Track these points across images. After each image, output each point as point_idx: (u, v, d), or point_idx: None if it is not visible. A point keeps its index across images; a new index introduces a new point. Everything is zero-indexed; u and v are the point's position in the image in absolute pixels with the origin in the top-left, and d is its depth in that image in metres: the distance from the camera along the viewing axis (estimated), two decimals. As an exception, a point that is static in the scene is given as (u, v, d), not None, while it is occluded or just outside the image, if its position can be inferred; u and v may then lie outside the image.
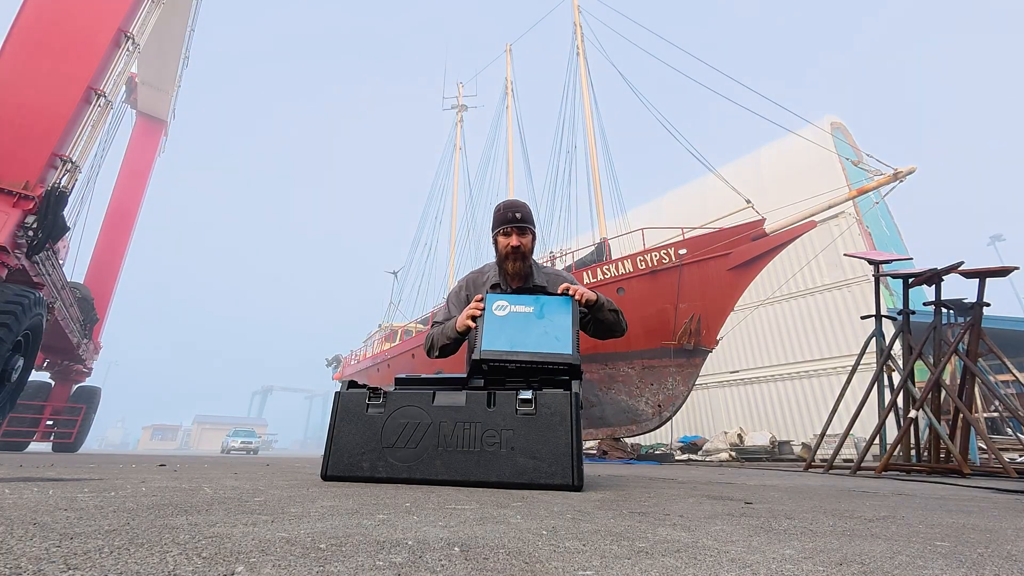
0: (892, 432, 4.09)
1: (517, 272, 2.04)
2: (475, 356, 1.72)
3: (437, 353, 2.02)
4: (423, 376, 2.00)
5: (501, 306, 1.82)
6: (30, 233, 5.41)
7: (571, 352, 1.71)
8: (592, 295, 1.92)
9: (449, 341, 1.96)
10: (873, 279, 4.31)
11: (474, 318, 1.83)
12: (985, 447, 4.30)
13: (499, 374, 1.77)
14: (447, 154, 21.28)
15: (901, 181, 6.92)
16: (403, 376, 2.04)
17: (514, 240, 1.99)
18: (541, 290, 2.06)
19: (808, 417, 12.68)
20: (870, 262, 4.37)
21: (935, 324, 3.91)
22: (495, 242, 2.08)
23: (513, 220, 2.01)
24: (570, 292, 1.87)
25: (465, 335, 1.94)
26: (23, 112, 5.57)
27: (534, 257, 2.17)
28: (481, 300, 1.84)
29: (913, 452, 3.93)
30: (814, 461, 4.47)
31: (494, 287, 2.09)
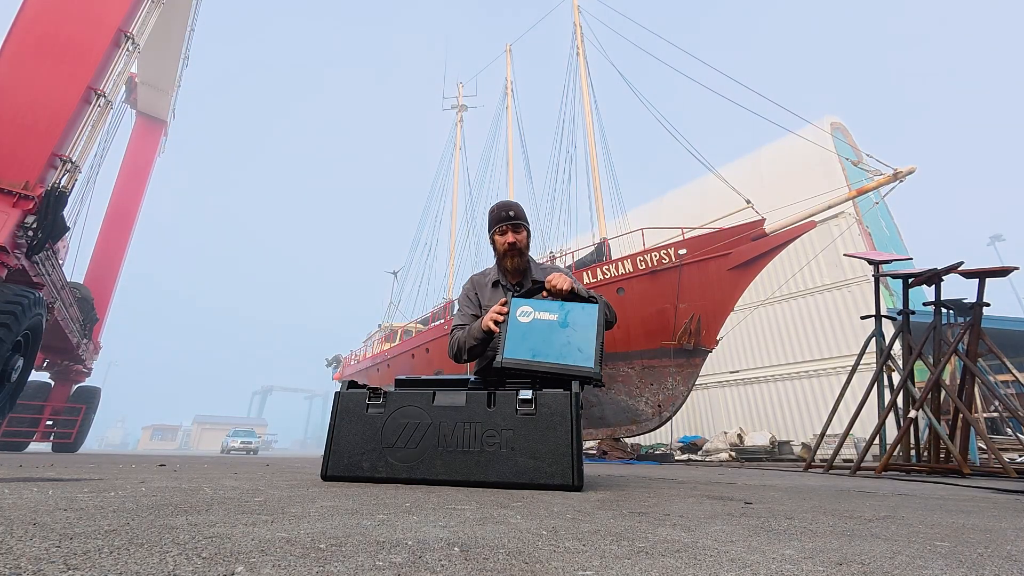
0: (892, 432, 4.09)
1: (516, 268, 2.10)
2: (496, 363, 1.71)
3: (466, 356, 2.02)
4: (423, 377, 2.00)
5: (525, 312, 1.80)
6: (30, 233, 5.40)
7: (593, 366, 1.67)
8: (565, 284, 1.93)
9: (477, 342, 1.96)
10: (873, 279, 4.31)
11: (498, 323, 1.84)
12: (985, 447, 4.30)
13: (518, 378, 1.75)
14: (447, 154, 21.30)
15: (901, 181, 6.92)
16: (403, 377, 2.04)
17: (510, 237, 2.07)
18: (539, 287, 2.05)
19: (808, 417, 12.68)
20: (870, 262, 4.37)
21: (935, 324, 3.91)
22: (492, 243, 2.15)
23: (507, 218, 2.09)
24: (547, 284, 1.91)
25: (492, 336, 1.94)
26: (23, 112, 5.57)
27: (532, 255, 2.22)
28: (505, 304, 1.83)
29: (913, 452, 3.93)
30: (814, 461, 4.47)
31: (495, 284, 2.14)
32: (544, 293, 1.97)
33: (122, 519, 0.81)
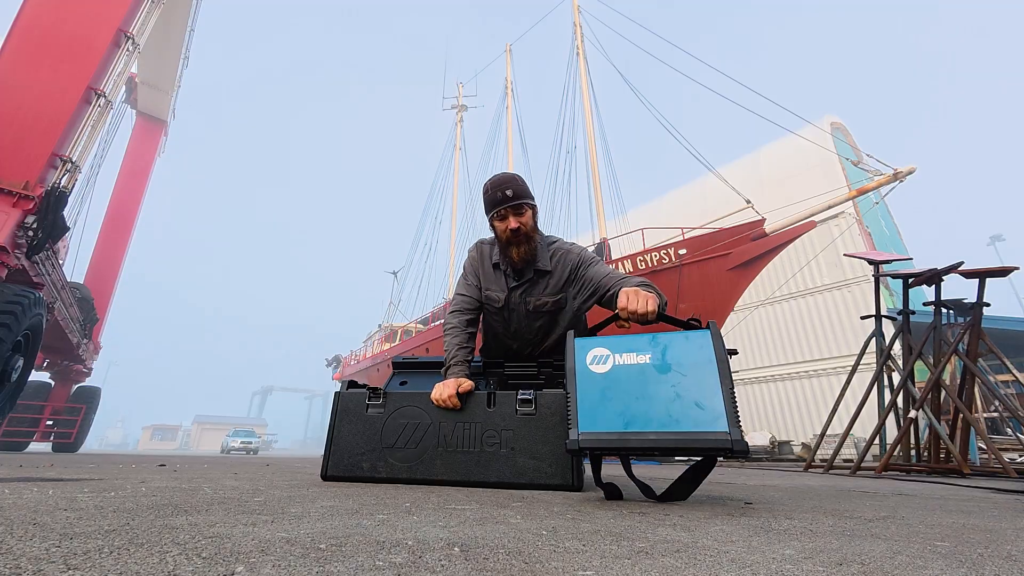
0: (892, 432, 4.09)
1: (523, 257, 1.80)
2: (569, 445, 1.18)
3: None
4: (421, 359, 1.99)
5: (600, 356, 1.26)
6: (30, 233, 5.40)
7: (727, 428, 1.11)
8: (649, 304, 1.36)
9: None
10: (873, 279, 4.31)
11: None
12: (985, 447, 4.29)
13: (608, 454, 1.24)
14: (447, 154, 21.33)
15: (901, 181, 6.92)
16: (401, 359, 2.03)
17: (511, 222, 1.73)
18: (608, 319, 1.49)
19: (808, 417, 12.68)
20: (870, 262, 4.37)
21: (935, 324, 3.91)
22: (493, 228, 1.84)
23: (505, 200, 1.73)
24: (620, 309, 1.37)
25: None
26: (23, 112, 5.57)
27: (541, 231, 1.92)
28: (459, 392, 1.56)
29: (913, 452, 3.93)
30: (814, 461, 4.47)
31: (496, 267, 1.90)
32: (619, 325, 1.43)
33: (122, 519, 0.81)
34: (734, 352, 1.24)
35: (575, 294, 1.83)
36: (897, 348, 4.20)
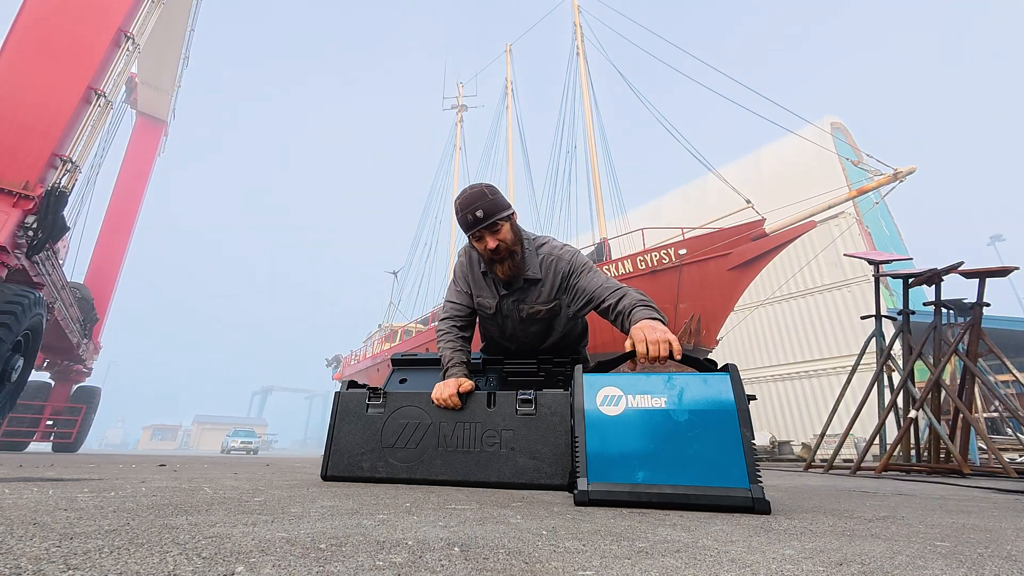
0: (892, 432, 4.09)
1: (507, 273, 1.76)
2: (578, 497, 1.11)
3: None
4: (419, 356, 1.99)
5: (612, 396, 1.18)
6: (30, 233, 5.41)
7: (747, 485, 1.06)
8: (670, 344, 1.28)
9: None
10: (873, 279, 4.31)
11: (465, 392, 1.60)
12: (985, 447, 4.29)
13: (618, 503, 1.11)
14: (447, 154, 21.33)
15: (901, 181, 6.93)
16: (400, 356, 2.03)
17: (488, 243, 1.68)
18: (621, 356, 1.37)
19: (808, 417, 12.68)
20: (870, 262, 4.37)
21: (935, 324, 3.91)
22: (472, 247, 1.80)
23: (477, 223, 1.65)
24: (637, 347, 1.30)
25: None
26: (23, 112, 5.57)
27: (528, 232, 1.86)
28: (459, 392, 1.56)
29: (913, 452, 3.93)
30: (814, 461, 4.47)
31: (484, 274, 1.85)
32: (632, 364, 1.36)
33: (122, 519, 0.81)
34: (753, 398, 1.18)
35: (568, 302, 1.79)
36: (897, 348, 4.20)
